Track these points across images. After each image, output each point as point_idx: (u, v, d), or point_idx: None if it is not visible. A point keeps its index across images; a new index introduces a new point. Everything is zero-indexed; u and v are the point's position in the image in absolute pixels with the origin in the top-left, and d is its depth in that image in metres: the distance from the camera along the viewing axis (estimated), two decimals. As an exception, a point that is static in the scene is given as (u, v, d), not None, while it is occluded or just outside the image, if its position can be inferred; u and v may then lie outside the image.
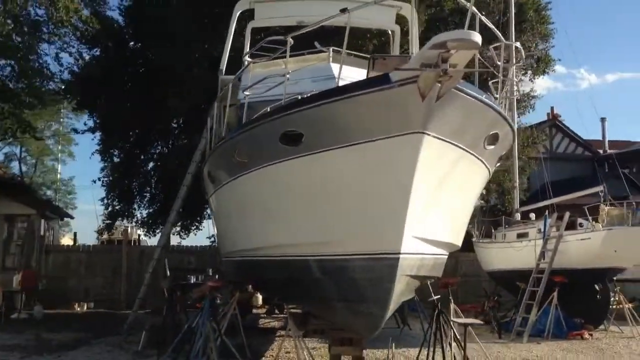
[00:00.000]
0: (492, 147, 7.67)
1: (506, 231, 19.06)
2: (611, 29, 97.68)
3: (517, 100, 25.39)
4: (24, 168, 46.57)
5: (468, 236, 22.88)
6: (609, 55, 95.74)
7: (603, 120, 37.93)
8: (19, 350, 11.67)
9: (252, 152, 8.06)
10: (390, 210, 6.76)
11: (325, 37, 15.34)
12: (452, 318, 10.56)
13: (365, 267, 7.19)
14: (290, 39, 8.19)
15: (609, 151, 35.21)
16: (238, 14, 13.76)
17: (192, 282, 14.53)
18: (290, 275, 8.75)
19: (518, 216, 19.95)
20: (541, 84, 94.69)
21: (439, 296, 10.46)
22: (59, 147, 48.63)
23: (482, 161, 7.84)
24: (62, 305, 19.51)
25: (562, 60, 74.39)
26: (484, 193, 26.66)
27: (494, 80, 8.76)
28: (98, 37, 21.49)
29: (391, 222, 6.80)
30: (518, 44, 8.67)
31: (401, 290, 7.58)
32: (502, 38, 8.45)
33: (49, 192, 49.85)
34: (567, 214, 15.44)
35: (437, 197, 7.27)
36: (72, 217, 33.76)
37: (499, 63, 8.33)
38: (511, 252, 17.55)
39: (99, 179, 24.87)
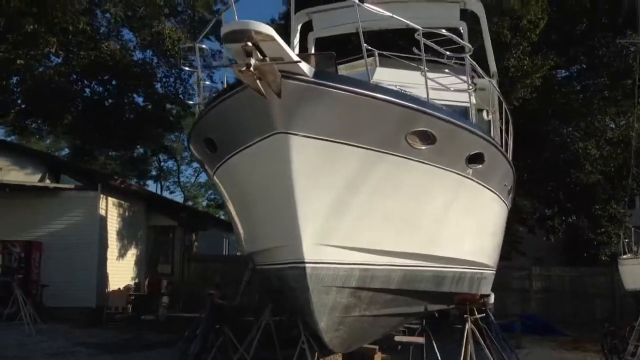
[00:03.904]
0: (430, 146, 6.91)
1: (644, 246, 16.44)
2: None
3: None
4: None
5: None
6: None
7: None
8: (97, 347, 13.02)
9: (201, 157, 8.24)
10: (285, 218, 6.50)
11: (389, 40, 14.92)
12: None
13: (294, 276, 6.96)
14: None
15: None
16: (299, 26, 13.97)
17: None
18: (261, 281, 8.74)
19: (665, 228, 17.03)
20: None
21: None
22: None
23: (426, 163, 7.09)
24: (200, 310, 21.17)
25: None
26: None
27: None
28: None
29: (290, 230, 6.53)
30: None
31: (343, 304, 7.17)
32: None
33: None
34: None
35: (358, 203, 6.76)
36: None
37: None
38: (640, 270, 15.13)
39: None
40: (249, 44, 5.00)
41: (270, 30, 5.00)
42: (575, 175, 22.01)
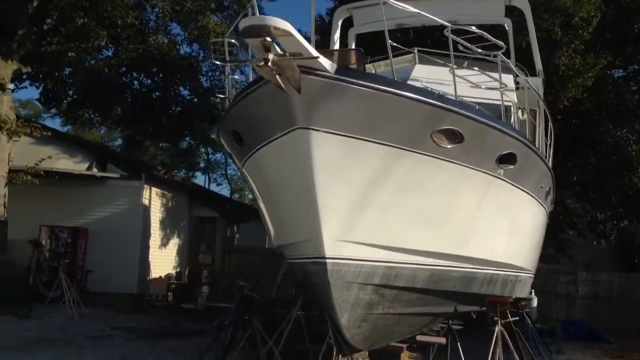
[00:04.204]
0: (457, 145, 6.77)
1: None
2: None
3: None
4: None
5: None
6: None
7: None
8: (134, 332, 13.34)
9: (230, 150, 8.29)
10: (307, 213, 6.50)
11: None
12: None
13: (316, 271, 6.95)
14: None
15: None
16: (340, 22, 13.93)
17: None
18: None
19: None
20: None
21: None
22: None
23: (454, 162, 6.96)
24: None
25: None
26: None
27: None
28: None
29: (311, 225, 6.52)
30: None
31: (365, 301, 7.14)
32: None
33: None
34: None
35: (382, 201, 6.70)
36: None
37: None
38: None
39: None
40: (268, 39, 5.00)
41: (287, 26, 4.99)
42: (629, 178, 21.27)
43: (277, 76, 5.36)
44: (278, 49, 5.19)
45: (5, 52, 16.91)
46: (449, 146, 6.69)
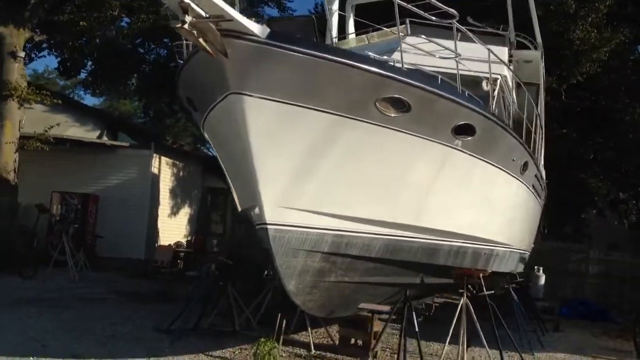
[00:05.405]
0: (405, 114, 6.70)
1: None
2: None
3: None
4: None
5: None
6: None
7: None
8: (129, 296, 13.66)
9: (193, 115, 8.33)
10: (249, 179, 6.55)
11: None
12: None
13: (262, 237, 7.01)
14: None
15: None
16: (338, -7, 13.76)
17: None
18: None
19: None
20: None
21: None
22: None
23: (403, 131, 6.89)
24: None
25: None
26: None
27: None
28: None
29: (253, 191, 6.58)
30: None
31: (315, 268, 7.18)
32: None
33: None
34: None
35: (326, 168, 6.70)
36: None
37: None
38: None
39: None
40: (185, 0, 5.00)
41: None
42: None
43: (201, 40, 5.37)
44: (201, 11, 5.18)
45: (18, 20, 17.23)
46: (396, 115, 6.62)
